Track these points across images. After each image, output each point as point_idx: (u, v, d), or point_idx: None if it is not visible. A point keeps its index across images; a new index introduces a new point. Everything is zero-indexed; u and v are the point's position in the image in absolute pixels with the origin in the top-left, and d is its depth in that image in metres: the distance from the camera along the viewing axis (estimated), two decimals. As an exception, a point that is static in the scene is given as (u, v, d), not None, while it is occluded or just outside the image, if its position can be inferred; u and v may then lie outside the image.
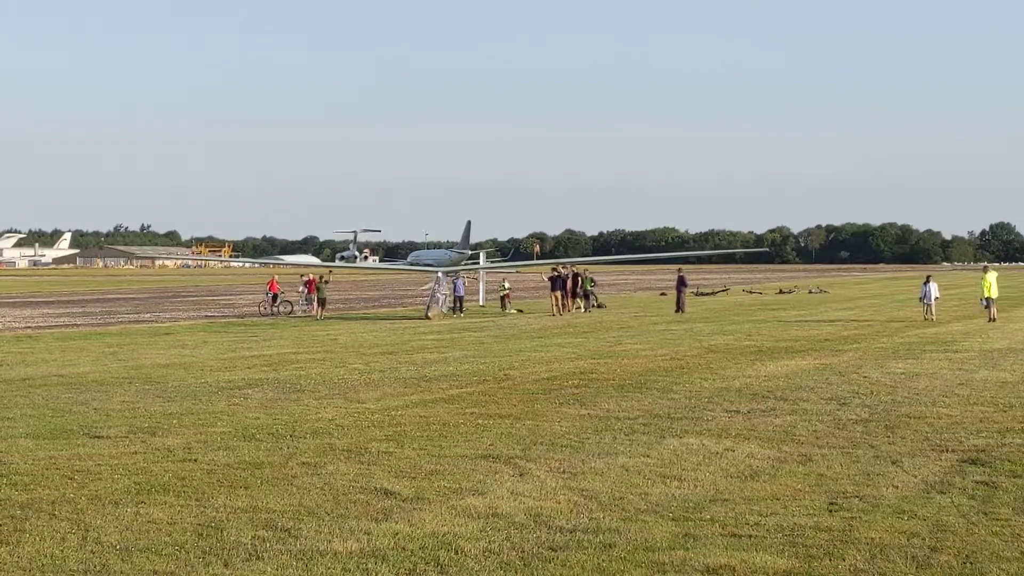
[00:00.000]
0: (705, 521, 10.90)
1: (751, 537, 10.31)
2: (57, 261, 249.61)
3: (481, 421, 17.19)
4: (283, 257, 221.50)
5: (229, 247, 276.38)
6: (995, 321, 40.93)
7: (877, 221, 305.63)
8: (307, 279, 52.07)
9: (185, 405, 19.21)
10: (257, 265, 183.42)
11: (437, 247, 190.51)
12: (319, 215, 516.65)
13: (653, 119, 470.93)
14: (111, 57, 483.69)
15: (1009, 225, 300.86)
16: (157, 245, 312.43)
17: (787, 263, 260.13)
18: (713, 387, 21.54)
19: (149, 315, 51.35)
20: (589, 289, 53.08)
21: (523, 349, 30.77)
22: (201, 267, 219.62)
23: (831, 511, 11.31)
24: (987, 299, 42.29)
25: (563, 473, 13.19)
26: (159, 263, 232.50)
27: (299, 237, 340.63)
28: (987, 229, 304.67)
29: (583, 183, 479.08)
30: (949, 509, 11.39)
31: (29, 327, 42.61)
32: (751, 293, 76.82)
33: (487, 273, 67.50)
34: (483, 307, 56.49)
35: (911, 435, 15.74)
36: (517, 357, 28.23)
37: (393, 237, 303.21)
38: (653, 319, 45.93)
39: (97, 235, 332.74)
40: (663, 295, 69.08)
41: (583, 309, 51.54)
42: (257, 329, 40.63)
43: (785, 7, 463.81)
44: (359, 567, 9.47)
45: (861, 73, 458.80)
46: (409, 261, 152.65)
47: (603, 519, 10.99)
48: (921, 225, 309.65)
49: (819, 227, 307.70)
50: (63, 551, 9.94)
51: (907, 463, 13.71)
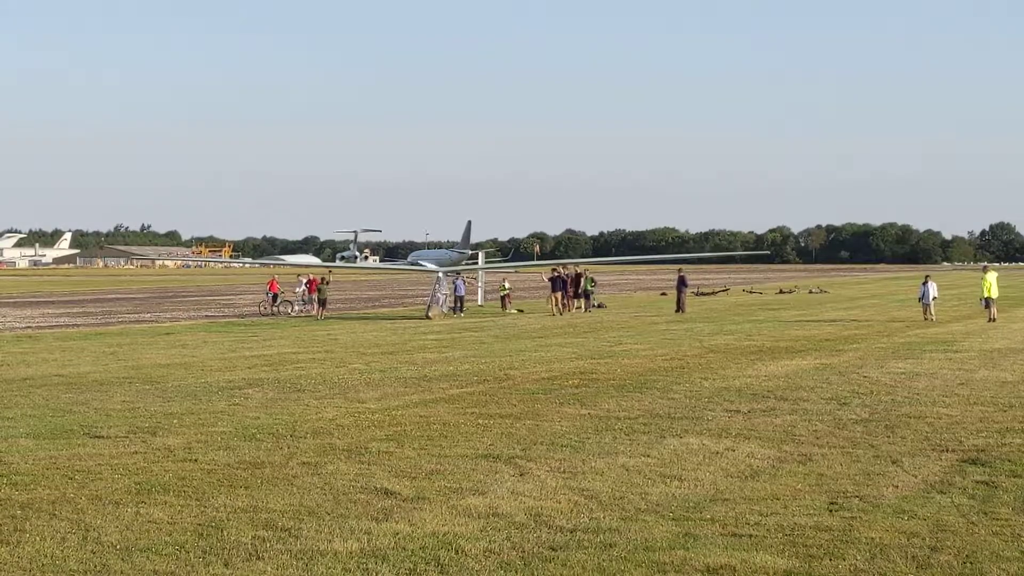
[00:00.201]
0: (705, 521, 10.90)
1: (751, 537, 10.32)
2: (57, 261, 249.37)
3: (481, 421, 17.20)
4: (284, 257, 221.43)
5: (229, 247, 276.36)
6: (995, 321, 40.95)
7: (877, 221, 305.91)
8: (308, 279, 52.12)
9: (185, 405, 19.22)
10: (257, 265, 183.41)
11: (438, 247, 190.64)
12: (319, 215, 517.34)
13: (653, 119, 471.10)
14: (111, 57, 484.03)
15: (1009, 225, 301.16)
16: (157, 245, 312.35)
17: (787, 263, 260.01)
18: (713, 387, 21.55)
19: (149, 315, 51.35)
20: (590, 289, 53.10)
21: (523, 349, 30.78)
22: (201, 267, 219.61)
23: (831, 511, 11.31)
24: (987, 299, 42.32)
25: (563, 473, 13.19)
26: (159, 263, 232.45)
27: (299, 237, 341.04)
28: (987, 229, 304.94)
29: (583, 183, 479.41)
30: (949, 509, 11.39)
31: (29, 327, 42.61)
32: (751, 293, 76.85)
33: (487, 273, 67.55)
34: (482, 307, 56.62)
35: (911, 435, 15.75)
36: (517, 357, 28.24)
37: (393, 237, 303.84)
38: (653, 319, 45.94)
39: (97, 235, 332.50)
40: (663, 295, 69.10)
41: (583, 309, 51.55)
42: (257, 329, 40.64)
43: (785, 7, 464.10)
44: (359, 567, 9.48)
45: (861, 73, 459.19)
46: (409, 261, 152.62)
47: (603, 519, 11.00)
48: (921, 225, 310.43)
49: (819, 227, 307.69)
50: (63, 551, 9.94)
51: (907, 463, 13.72)
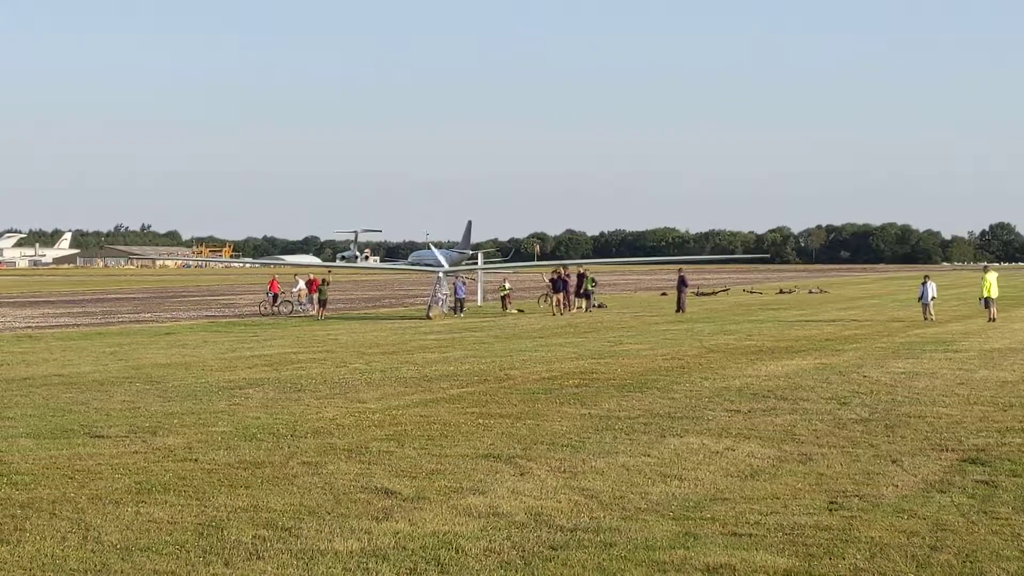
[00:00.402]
0: (705, 520, 10.91)
1: (751, 536, 10.32)
2: (57, 261, 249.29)
3: (482, 421, 17.20)
4: (284, 257, 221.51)
5: (229, 247, 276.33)
6: (995, 321, 40.95)
7: (877, 221, 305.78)
8: (308, 279, 52.10)
9: (186, 405, 19.22)
10: (258, 265, 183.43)
11: (438, 247, 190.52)
12: (319, 215, 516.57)
13: (653, 119, 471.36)
14: (111, 57, 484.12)
15: (1009, 225, 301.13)
16: (157, 245, 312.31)
17: (787, 263, 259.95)
18: (713, 387, 21.55)
19: (149, 315, 51.35)
20: (590, 289, 53.11)
21: (524, 349, 30.78)
22: (202, 267, 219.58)
23: (831, 510, 11.32)
24: (986, 299, 42.32)
25: (564, 472, 13.20)
26: (159, 263, 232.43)
27: (299, 237, 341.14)
28: (987, 229, 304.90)
29: (583, 183, 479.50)
30: (949, 508, 11.40)
31: (30, 327, 42.62)
32: (751, 293, 76.85)
33: (487, 273, 67.60)
34: (480, 307, 56.69)
35: (911, 434, 15.75)
36: (518, 357, 28.24)
37: (393, 237, 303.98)
38: (653, 319, 45.95)
39: (97, 235, 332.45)
40: (663, 295, 69.11)
41: (583, 309, 51.55)
42: (258, 329, 40.64)
43: (785, 7, 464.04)
44: (360, 566, 9.48)
45: (861, 73, 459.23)
46: (410, 261, 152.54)
47: (604, 518, 11.00)
48: (921, 225, 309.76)
49: (819, 227, 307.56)
50: (63, 550, 9.95)
51: (907, 462, 13.73)
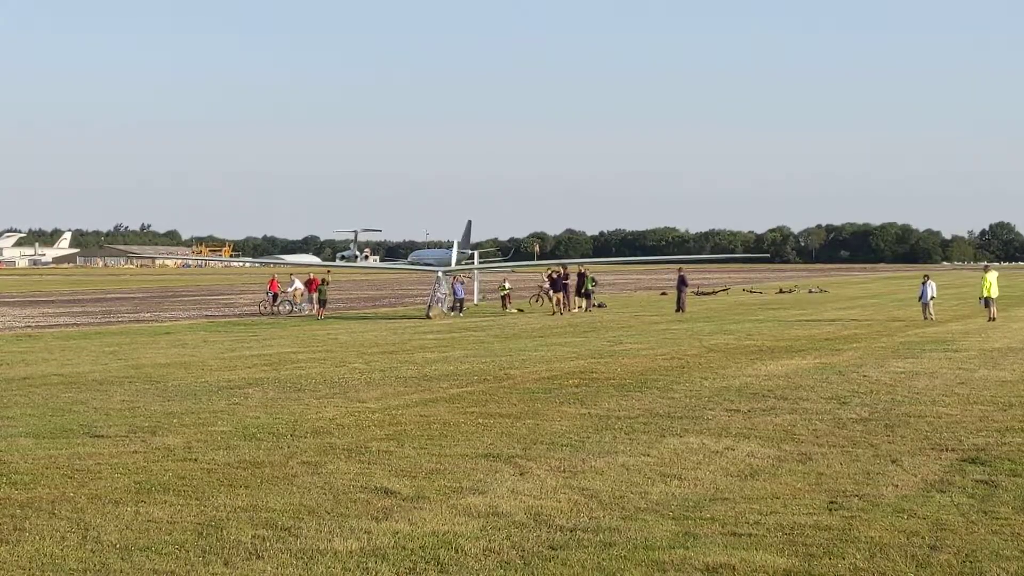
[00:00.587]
0: (705, 520, 10.90)
1: (751, 536, 10.32)
2: (57, 260, 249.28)
3: (482, 420, 17.19)
4: (284, 257, 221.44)
5: (229, 247, 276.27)
6: (995, 320, 40.95)
7: (877, 221, 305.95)
8: (308, 279, 52.08)
9: (185, 404, 19.21)
10: (257, 265, 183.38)
11: (438, 247, 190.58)
12: (319, 215, 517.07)
13: (653, 119, 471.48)
14: (111, 57, 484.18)
15: (1009, 225, 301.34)
16: (157, 245, 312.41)
17: (787, 263, 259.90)
18: (713, 386, 21.54)
19: (149, 314, 51.34)
20: (591, 289, 53.12)
21: (523, 349, 30.78)
22: (201, 267, 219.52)
23: (831, 510, 11.31)
24: (986, 298, 42.32)
25: (563, 472, 13.19)
26: (159, 263, 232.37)
27: (299, 237, 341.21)
28: (987, 229, 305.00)
29: (583, 183, 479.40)
30: (949, 508, 11.39)
31: (29, 326, 42.62)
32: (751, 293, 76.84)
33: (484, 273, 67.85)
34: (477, 304, 56.91)
35: (911, 434, 15.74)
36: (518, 356, 28.23)
37: (393, 237, 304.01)
38: (653, 319, 45.94)
39: (97, 235, 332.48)
40: (663, 295, 69.10)
41: (583, 309, 51.55)
42: (257, 328, 40.64)
43: (786, 7, 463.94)
44: (359, 566, 9.47)
45: (861, 73, 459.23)
46: (410, 260, 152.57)
47: (603, 518, 10.99)
48: (921, 225, 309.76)
49: (819, 227, 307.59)
50: (63, 550, 9.94)
51: (907, 462, 13.72)
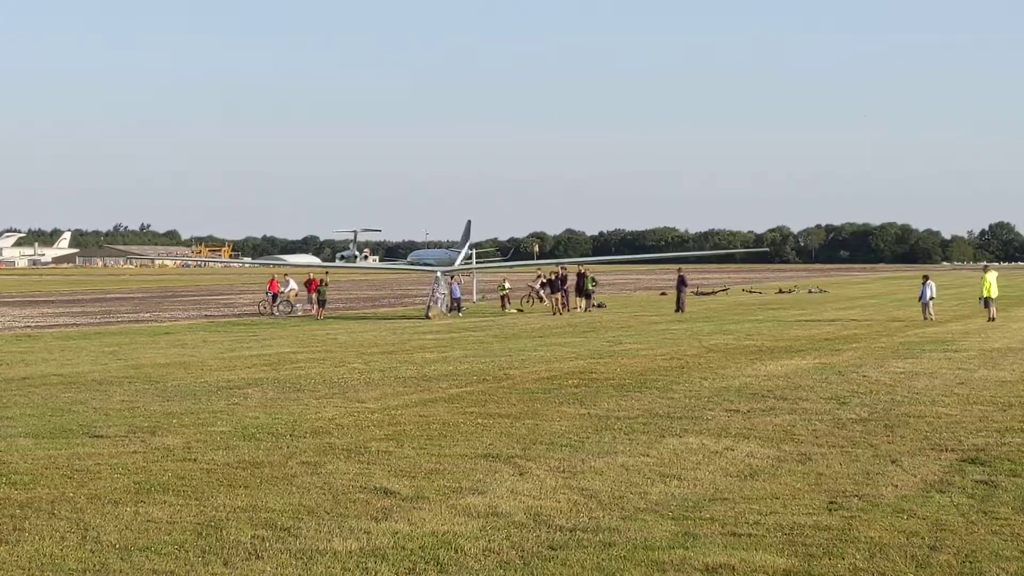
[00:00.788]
0: (705, 520, 10.90)
1: (750, 536, 10.31)
2: (57, 260, 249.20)
3: (481, 420, 17.19)
4: (284, 257, 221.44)
5: (229, 247, 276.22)
6: (995, 320, 40.94)
7: (877, 221, 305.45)
8: (307, 279, 52.07)
9: (185, 404, 19.21)
10: (257, 265, 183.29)
11: (438, 247, 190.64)
12: (319, 215, 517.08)
13: (653, 119, 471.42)
14: (111, 57, 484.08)
15: (1009, 225, 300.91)
16: (157, 245, 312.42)
17: (787, 263, 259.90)
18: (713, 386, 21.54)
19: (148, 314, 51.34)
20: (590, 289, 53.13)
21: (523, 349, 30.77)
22: (201, 267, 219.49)
23: (830, 510, 11.31)
24: (986, 298, 42.31)
25: (563, 472, 13.19)
26: (159, 263, 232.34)
27: (299, 237, 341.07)
28: (987, 229, 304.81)
29: (583, 183, 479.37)
30: (949, 508, 11.39)
31: (29, 326, 42.63)
32: (751, 293, 76.83)
33: (485, 273, 68.02)
34: (475, 303, 57.04)
35: (910, 434, 15.74)
36: (517, 357, 28.23)
37: (393, 237, 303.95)
38: (653, 319, 45.94)
39: (97, 235, 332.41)
40: (663, 295, 69.10)
41: (583, 309, 51.56)
42: (257, 329, 40.64)
43: (786, 7, 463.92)
44: (359, 566, 9.47)
45: (861, 73, 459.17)
46: (409, 260, 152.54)
47: (603, 518, 10.99)
48: (921, 225, 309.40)
49: (819, 227, 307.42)
50: (62, 550, 9.94)
51: (906, 462, 13.71)
